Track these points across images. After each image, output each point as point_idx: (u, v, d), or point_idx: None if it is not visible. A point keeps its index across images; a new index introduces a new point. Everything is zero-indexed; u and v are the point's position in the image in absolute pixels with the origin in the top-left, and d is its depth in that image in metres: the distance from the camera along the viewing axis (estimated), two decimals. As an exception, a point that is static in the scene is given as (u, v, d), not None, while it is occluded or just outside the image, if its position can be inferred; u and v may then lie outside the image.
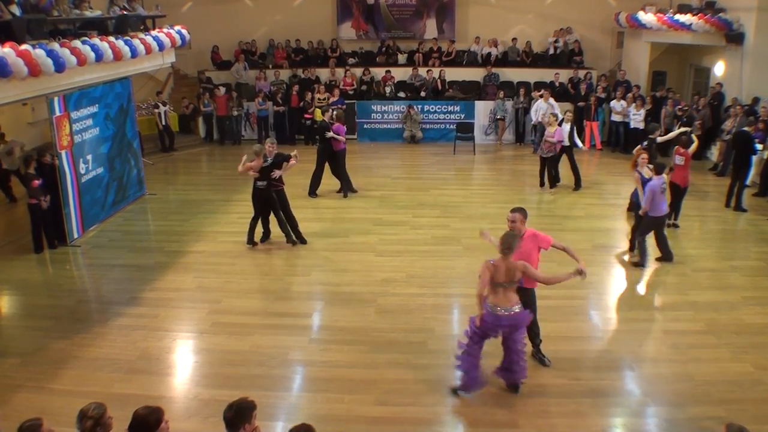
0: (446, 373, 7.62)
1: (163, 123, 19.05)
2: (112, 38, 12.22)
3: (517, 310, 6.72)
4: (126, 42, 12.53)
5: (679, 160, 12.14)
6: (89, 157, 12.55)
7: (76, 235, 12.05)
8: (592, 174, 16.76)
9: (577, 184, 15.00)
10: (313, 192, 14.44)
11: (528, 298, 7.22)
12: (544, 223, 12.75)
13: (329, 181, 14.66)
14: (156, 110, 18.90)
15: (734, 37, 17.09)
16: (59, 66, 10.26)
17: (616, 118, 18.94)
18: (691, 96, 19.10)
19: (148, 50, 13.40)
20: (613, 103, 18.94)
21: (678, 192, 12.09)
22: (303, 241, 11.66)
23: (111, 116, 13.46)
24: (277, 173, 11.31)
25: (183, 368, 7.89)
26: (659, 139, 13.58)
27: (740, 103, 16.47)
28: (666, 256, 10.72)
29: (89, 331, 8.66)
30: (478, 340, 6.95)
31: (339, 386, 7.34)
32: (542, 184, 15.11)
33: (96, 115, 12.81)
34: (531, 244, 7.18)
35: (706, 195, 14.63)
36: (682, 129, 13.12)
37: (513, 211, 7.26)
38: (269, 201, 11.38)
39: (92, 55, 11.29)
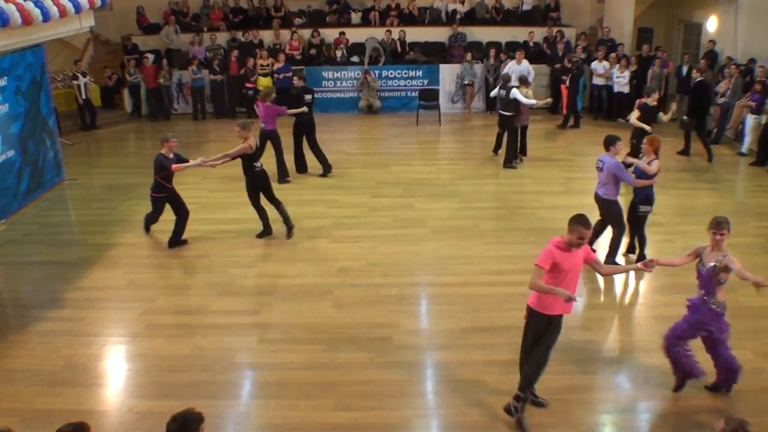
0: (414, 372, 7.72)
1: (83, 97, 18.77)
2: None
3: None
4: (36, 3, 12.27)
5: None
6: (-3, 138, 12.36)
7: (-16, 229, 11.87)
8: (571, 144, 16.98)
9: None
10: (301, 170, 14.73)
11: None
12: (519, 200, 12.94)
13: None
14: (74, 82, 18.64)
15: (728, -12, 17.42)
16: (-42, 33, 10.04)
17: (597, 81, 19.14)
18: (681, 55, 19.38)
19: (63, 13, 13.11)
20: (594, 64, 19.12)
21: None
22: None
23: (22, 90, 13.21)
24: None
25: (115, 378, 7.84)
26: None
27: (735, 63, 16.74)
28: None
29: (5, 339, 8.54)
30: None
31: (294, 391, 7.36)
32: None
33: (4, 89, 12.56)
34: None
35: (699, 166, 14.95)
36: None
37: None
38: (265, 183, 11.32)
39: (-4, 20, 11.06)
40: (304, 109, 14.42)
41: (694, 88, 16.06)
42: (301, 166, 14.75)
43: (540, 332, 6.68)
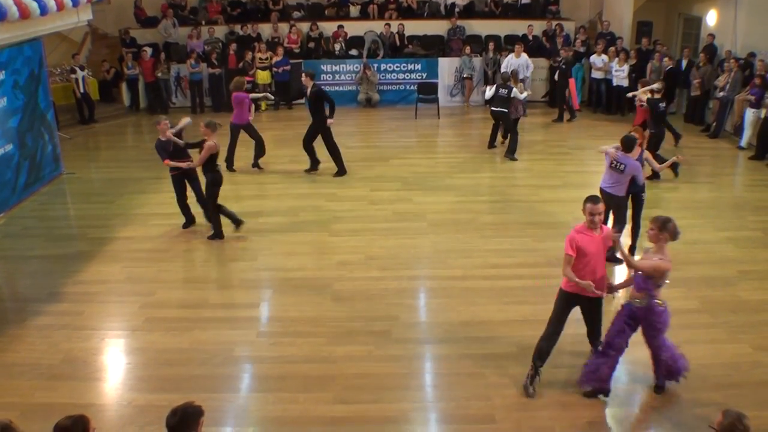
0: (413, 365, 7.75)
1: (81, 90, 18.74)
2: (17, -7, 11.95)
3: None
4: (34, -3, 12.27)
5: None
6: (-5, 132, 12.33)
7: (-17, 223, 11.87)
8: (571, 138, 16.98)
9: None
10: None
11: None
12: (518, 194, 12.95)
13: (278, 152, 14.62)
14: (72, 76, 18.58)
15: (728, -18, 17.47)
16: (-45, 27, 10.02)
17: (596, 74, 19.15)
18: (681, 49, 19.38)
19: (60, 6, 13.09)
20: (593, 58, 19.13)
21: None
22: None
23: (20, 84, 13.19)
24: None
25: (114, 371, 7.85)
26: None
27: (735, 57, 16.75)
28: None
29: (4, 333, 8.55)
30: None
31: (293, 384, 7.38)
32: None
33: (2, 83, 12.54)
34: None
35: (699, 159, 14.94)
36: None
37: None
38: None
39: (-6, 13, 11.03)
40: (268, 95, 16.02)
41: (664, 76, 17.35)
42: (341, 165, 14.35)
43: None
